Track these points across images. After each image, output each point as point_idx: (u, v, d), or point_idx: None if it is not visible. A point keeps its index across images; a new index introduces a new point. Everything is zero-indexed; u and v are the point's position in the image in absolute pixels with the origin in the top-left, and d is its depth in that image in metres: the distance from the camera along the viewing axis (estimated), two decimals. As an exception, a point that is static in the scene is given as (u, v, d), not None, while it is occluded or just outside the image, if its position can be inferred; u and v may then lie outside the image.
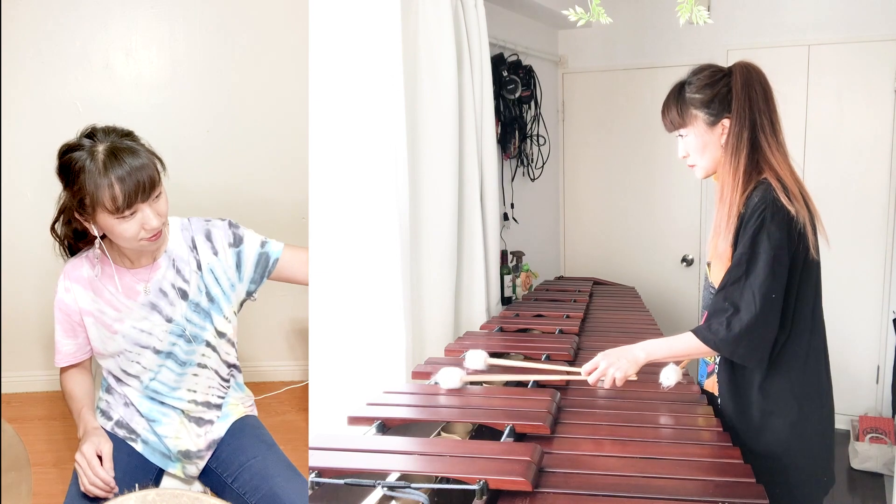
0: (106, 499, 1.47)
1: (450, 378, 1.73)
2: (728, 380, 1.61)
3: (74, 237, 1.58)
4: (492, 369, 1.84)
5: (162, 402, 1.65)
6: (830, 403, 1.62)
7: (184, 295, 1.57)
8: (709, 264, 1.67)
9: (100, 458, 1.49)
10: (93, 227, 1.46)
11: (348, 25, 2.15)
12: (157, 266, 1.56)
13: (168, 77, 2.91)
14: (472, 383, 1.76)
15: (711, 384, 1.70)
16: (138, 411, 1.64)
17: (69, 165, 1.40)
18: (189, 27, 2.89)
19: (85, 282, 1.56)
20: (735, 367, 1.59)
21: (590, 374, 1.67)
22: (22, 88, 2.77)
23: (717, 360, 1.65)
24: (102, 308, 1.56)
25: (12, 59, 2.73)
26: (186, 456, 1.65)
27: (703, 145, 1.60)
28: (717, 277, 1.58)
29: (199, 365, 1.64)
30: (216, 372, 1.68)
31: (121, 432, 1.65)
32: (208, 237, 1.59)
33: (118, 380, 1.64)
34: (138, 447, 1.65)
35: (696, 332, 1.55)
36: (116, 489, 1.48)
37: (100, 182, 1.37)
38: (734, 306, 1.49)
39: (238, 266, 1.60)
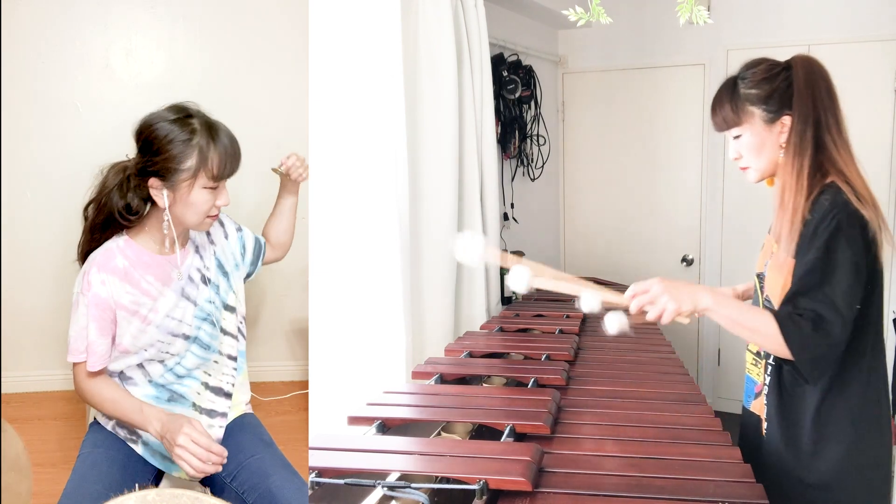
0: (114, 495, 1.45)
1: (471, 250, 1.46)
2: (778, 402, 1.46)
3: (126, 210, 1.52)
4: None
5: (170, 399, 1.64)
6: (890, 429, 1.47)
7: (206, 279, 1.64)
8: (759, 275, 1.54)
9: None
10: (164, 196, 1.48)
11: (348, 25, 2.15)
12: (187, 252, 1.63)
13: (168, 77, 2.91)
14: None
15: (758, 406, 1.54)
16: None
17: (167, 131, 1.46)
18: (189, 27, 2.89)
19: (121, 273, 1.52)
20: (786, 389, 1.45)
21: (636, 296, 1.38)
22: (22, 89, 2.77)
23: (768, 380, 1.50)
24: (138, 299, 1.54)
25: (12, 60, 2.72)
26: None
27: (759, 145, 1.46)
28: (773, 289, 1.45)
29: (219, 352, 1.70)
30: (229, 356, 1.72)
31: (121, 433, 1.64)
32: (220, 223, 1.73)
33: (124, 378, 1.62)
34: (138, 449, 1.64)
35: (778, 315, 1.34)
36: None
37: (209, 149, 1.48)
38: (815, 313, 1.32)
39: (242, 248, 1.77)
